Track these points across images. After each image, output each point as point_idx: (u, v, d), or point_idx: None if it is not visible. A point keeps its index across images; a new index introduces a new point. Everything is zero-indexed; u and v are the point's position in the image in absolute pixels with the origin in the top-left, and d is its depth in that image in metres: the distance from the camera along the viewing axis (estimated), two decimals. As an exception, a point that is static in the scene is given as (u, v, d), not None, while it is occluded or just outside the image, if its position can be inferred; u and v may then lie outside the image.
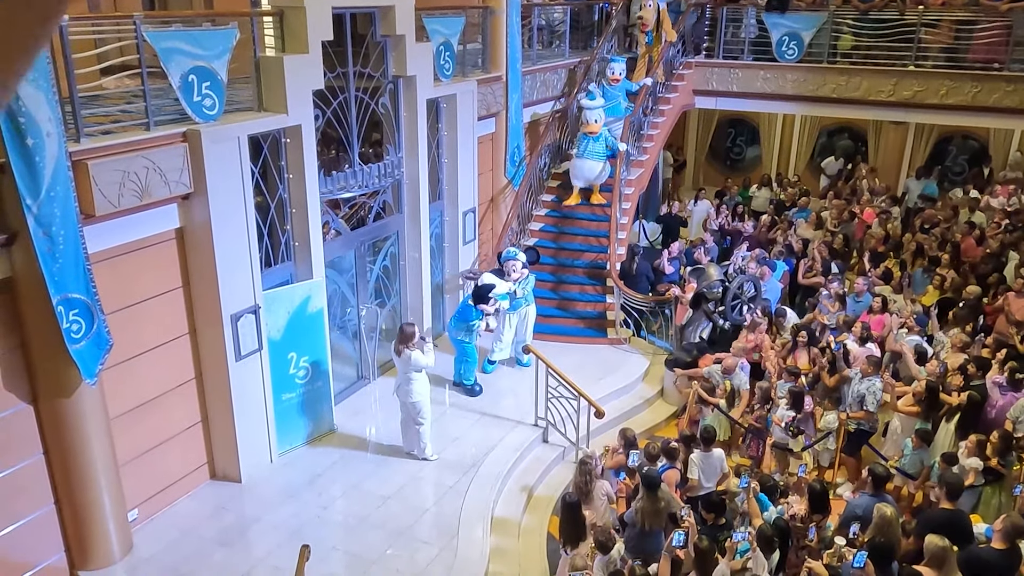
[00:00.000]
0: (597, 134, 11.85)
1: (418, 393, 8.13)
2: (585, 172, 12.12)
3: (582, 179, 12.20)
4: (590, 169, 12.06)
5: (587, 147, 11.99)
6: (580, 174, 12.20)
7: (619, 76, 12.54)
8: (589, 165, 12.04)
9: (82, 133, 6.07)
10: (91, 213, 6.00)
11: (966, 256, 11.41)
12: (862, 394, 8.16)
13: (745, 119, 18.39)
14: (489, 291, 9.50)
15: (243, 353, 7.55)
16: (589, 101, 11.86)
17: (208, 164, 6.79)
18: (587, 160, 12.03)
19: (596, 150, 11.97)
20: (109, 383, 6.43)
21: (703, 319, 10.55)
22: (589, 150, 11.99)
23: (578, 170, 12.20)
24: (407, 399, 8.18)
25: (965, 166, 16.55)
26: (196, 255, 7.15)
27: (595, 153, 11.99)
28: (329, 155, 8.92)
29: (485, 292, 9.49)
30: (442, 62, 9.89)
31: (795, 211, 13.91)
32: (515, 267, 9.94)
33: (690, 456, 7.54)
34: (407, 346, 8.00)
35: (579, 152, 12.11)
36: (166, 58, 6.50)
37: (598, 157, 12.00)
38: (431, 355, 8.15)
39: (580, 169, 12.17)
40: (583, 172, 12.15)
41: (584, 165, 12.09)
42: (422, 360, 7.99)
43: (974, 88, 12.59)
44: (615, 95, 12.55)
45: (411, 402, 8.16)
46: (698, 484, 7.42)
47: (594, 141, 11.90)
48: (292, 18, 7.65)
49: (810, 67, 13.66)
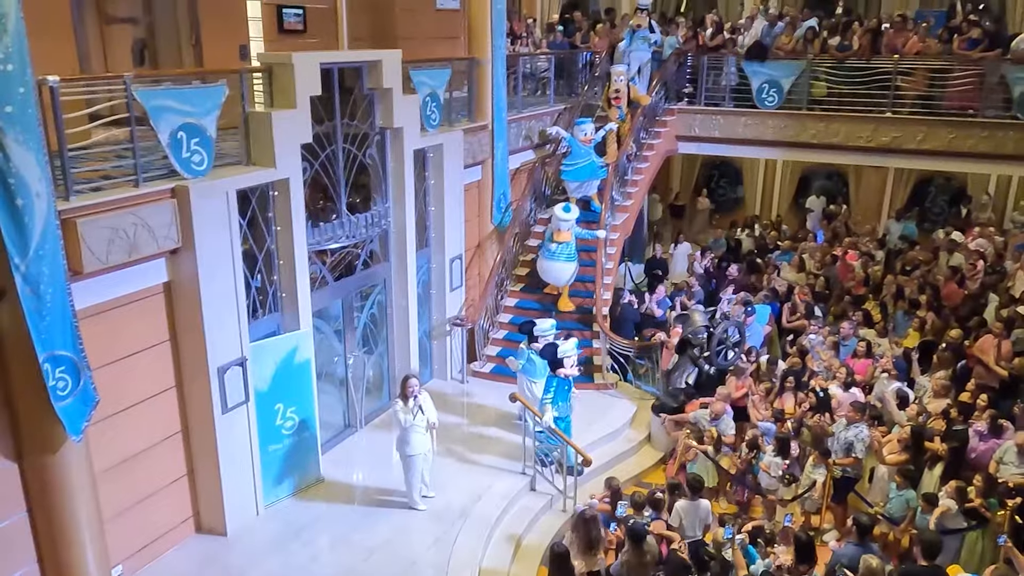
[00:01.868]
0: (568, 242, 11.28)
1: (411, 446, 8.13)
2: (554, 274, 11.50)
3: (552, 279, 11.61)
4: (560, 271, 11.44)
5: (557, 248, 11.31)
6: (549, 276, 11.58)
7: (589, 137, 12.25)
8: (559, 267, 11.40)
9: (71, 191, 6.14)
10: (79, 270, 6.04)
11: (947, 300, 11.57)
12: (850, 441, 8.23)
13: (728, 161, 18.67)
14: (556, 351, 8.95)
15: (229, 405, 7.55)
16: (564, 213, 11.33)
17: (196, 219, 6.86)
18: (555, 262, 11.37)
19: (565, 251, 11.33)
20: (94, 438, 6.40)
21: (689, 364, 10.63)
22: (559, 252, 11.33)
23: (546, 273, 11.54)
24: (400, 450, 8.19)
25: (944, 207, 16.86)
26: (183, 309, 7.18)
27: (564, 255, 11.35)
28: (317, 205, 9.02)
29: (554, 352, 8.92)
30: (428, 113, 10.06)
31: (778, 254, 14.08)
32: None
33: (675, 504, 7.56)
34: (400, 398, 8.02)
35: (547, 253, 11.41)
36: (156, 115, 6.60)
37: (568, 259, 11.38)
38: (408, 417, 8.00)
39: (548, 272, 11.51)
40: (552, 274, 11.51)
41: (552, 267, 11.42)
42: (399, 416, 7.97)
43: (950, 134, 12.88)
44: (588, 152, 12.33)
45: (408, 456, 8.16)
46: (680, 533, 7.44)
47: (564, 243, 11.32)
48: (281, 74, 7.80)
49: (790, 114, 13.94)
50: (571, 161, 12.41)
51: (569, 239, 11.29)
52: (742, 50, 14.37)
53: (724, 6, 18.61)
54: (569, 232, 11.28)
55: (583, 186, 12.59)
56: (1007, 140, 12.61)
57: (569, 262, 11.38)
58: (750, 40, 14.39)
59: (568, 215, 11.35)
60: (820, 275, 12.92)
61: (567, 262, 11.37)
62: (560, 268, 11.41)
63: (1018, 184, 15.49)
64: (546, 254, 11.45)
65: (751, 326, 11.07)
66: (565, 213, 11.36)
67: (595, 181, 12.55)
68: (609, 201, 12.43)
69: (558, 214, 11.37)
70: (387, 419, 9.96)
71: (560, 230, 11.25)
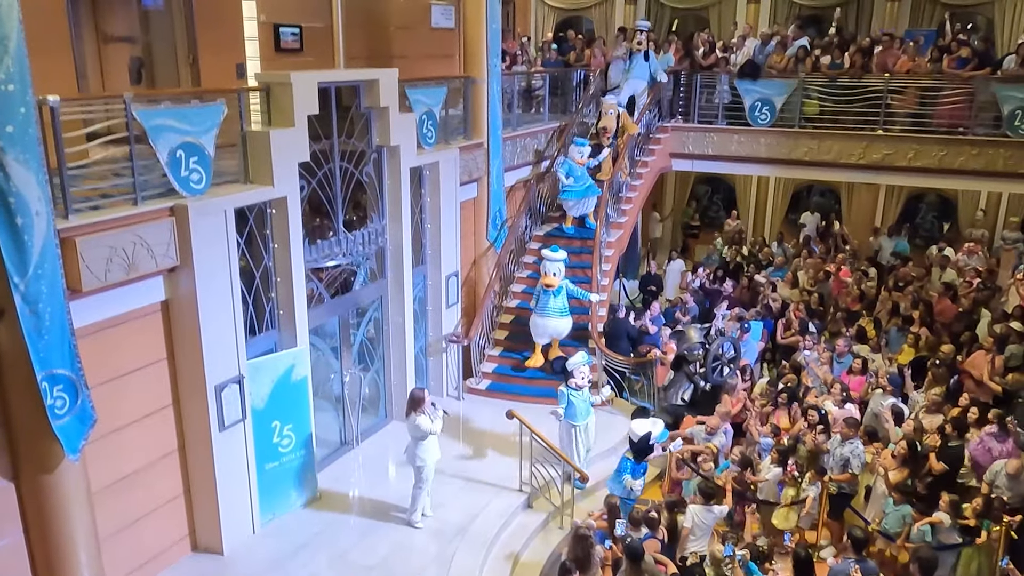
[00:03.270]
0: (556, 287, 10.93)
1: (422, 459, 8.15)
2: (550, 331, 11.17)
3: (546, 337, 11.29)
4: (554, 329, 11.15)
5: (547, 303, 10.98)
6: (544, 333, 11.21)
7: (584, 159, 12.40)
8: (553, 324, 11.09)
9: (70, 209, 6.15)
10: (78, 289, 6.05)
11: (940, 316, 11.64)
12: (846, 457, 8.26)
13: (721, 178, 18.79)
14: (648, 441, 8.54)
15: (227, 423, 7.54)
16: (551, 252, 11.06)
17: (195, 237, 6.88)
18: (549, 319, 11.05)
19: (557, 306, 11.02)
20: (91, 456, 6.37)
21: (685, 381, 10.66)
22: (551, 307, 10.99)
23: (540, 329, 11.18)
24: (412, 463, 8.22)
25: (935, 223, 17.00)
26: (181, 326, 7.19)
27: (557, 310, 11.04)
28: (314, 223, 9.05)
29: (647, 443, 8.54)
30: (425, 131, 10.12)
31: (771, 270, 14.16)
32: (583, 373, 9.15)
33: (690, 507, 7.67)
34: (416, 411, 8.04)
35: (539, 308, 11.10)
36: (155, 135, 6.63)
37: (561, 313, 11.07)
38: (438, 423, 8.14)
39: (543, 328, 11.15)
40: (547, 331, 11.17)
41: (548, 324, 11.10)
42: (425, 425, 8.01)
43: (940, 151, 13.04)
44: (584, 175, 12.49)
45: (416, 466, 8.20)
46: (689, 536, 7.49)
47: (554, 296, 10.97)
48: (279, 93, 7.85)
49: (783, 131, 14.08)
50: (570, 185, 12.51)
51: (557, 284, 10.88)
52: (735, 68, 14.52)
53: (716, 25, 18.78)
54: (557, 278, 10.90)
55: (580, 204, 12.67)
56: (997, 157, 12.78)
57: (563, 317, 11.07)
58: (742, 59, 14.55)
59: (555, 254, 11.03)
60: (814, 291, 12.99)
61: (561, 317, 11.06)
62: (554, 325, 11.11)
63: (1008, 201, 15.63)
64: (536, 308, 11.14)
65: (746, 342, 11.12)
66: (552, 252, 11.09)
67: (592, 199, 12.65)
68: (604, 219, 12.51)
69: (544, 253, 11.15)
70: (383, 437, 9.98)
71: (547, 273, 10.90)
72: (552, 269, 10.94)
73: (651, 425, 8.56)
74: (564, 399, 9.12)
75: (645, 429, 8.46)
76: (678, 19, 19.63)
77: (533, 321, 11.24)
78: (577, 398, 9.11)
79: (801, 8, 18.32)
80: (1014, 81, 12.64)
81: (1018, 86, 12.58)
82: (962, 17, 16.74)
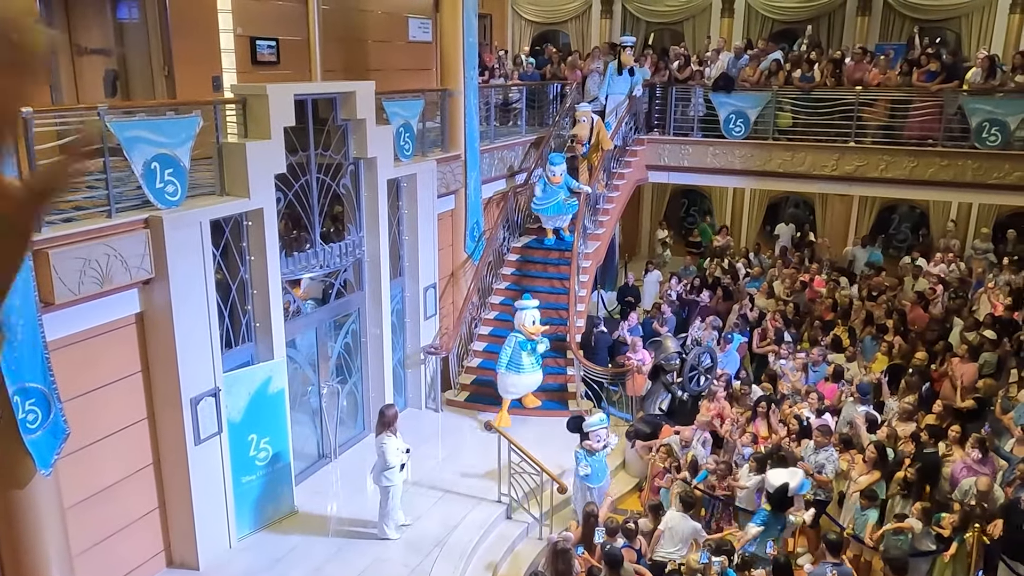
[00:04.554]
0: (536, 339, 10.48)
1: (389, 479, 8.10)
2: (521, 388, 10.67)
3: (517, 393, 10.76)
4: (525, 385, 10.66)
5: (520, 359, 10.41)
6: (515, 389, 10.65)
7: (559, 176, 12.20)
8: (525, 381, 10.57)
9: (43, 221, 6.11)
10: (51, 301, 6.00)
11: (913, 325, 11.81)
12: (821, 464, 8.35)
13: (698, 190, 18.97)
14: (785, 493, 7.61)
15: (202, 437, 7.48)
16: (525, 301, 10.73)
17: (170, 250, 6.85)
18: (523, 375, 10.48)
19: (530, 361, 10.48)
20: (64, 471, 6.31)
21: (662, 391, 10.72)
22: (524, 363, 10.42)
23: (511, 385, 10.59)
24: (379, 483, 8.16)
25: (908, 233, 17.26)
26: (156, 339, 7.14)
27: (531, 364, 10.51)
28: (290, 235, 9.04)
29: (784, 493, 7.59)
30: (402, 143, 10.15)
31: (747, 280, 14.30)
32: (599, 437, 8.63)
33: (669, 511, 7.70)
34: (386, 431, 7.99)
35: (511, 364, 10.47)
36: (129, 146, 6.61)
37: (534, 368, 10.57)
38: (400, 458, 8.04)
39: (515, 384, 10.58)
40: (519, 387, 10.63)
41: (520, 381, 10.55)
42: (389, 456, 7.95)
43: (911, 163, 13.27)
44: (556, 191, 12.35)
45: (382, 487, 8.14)
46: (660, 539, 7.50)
47: (531, 351, 10.48)
48: (255, 105, 7.85)
49: (757, 143, 14.26)
50: (541, 200, 12.48)
51: (538, 335, 10.51)
52: (709, 81, 14.69)
53: (691, 39, 19.03)
54: (536, 327, 10.53)
55: (553, 218, 12.71)
56: (966, 168, 13.02)
57: (535, 372, 10.61)
58: (717, 72, 14.74)
59: (529, 302, 10.71)
60: (790, 301, 13.12)
61: (534, 372, 10.60)
62: (527, 383, 10.67)
63: (978, 211, 15.91)
64: (512, 366, 10.50)
65: (727, 352, 11.21)
66: (525, 300, 10.81)
67: (566, 216, 12.66)
68: (581, 230, 12.58)
69: (517, 304, 10.86)
70: (361, 449, 9.92)
71: (524, 324, 10.50)
72: (528, 319, 10.51)
73: (788, 476, 7.64)
74: (580, 459, 8.58)
75: (780, 479, 7.55)
76: (654, 33, 19.86)
77: (501, 379, 10.63)
78: (592, 461, 8.57)
79: (774, 23, 18.62)
80: (981, 94, 12.91)
81: (985, 99, 12.86)
82: (931, 31, 17.11)
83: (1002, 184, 12.90)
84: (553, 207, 12.47)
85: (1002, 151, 12.75)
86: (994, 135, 12.70)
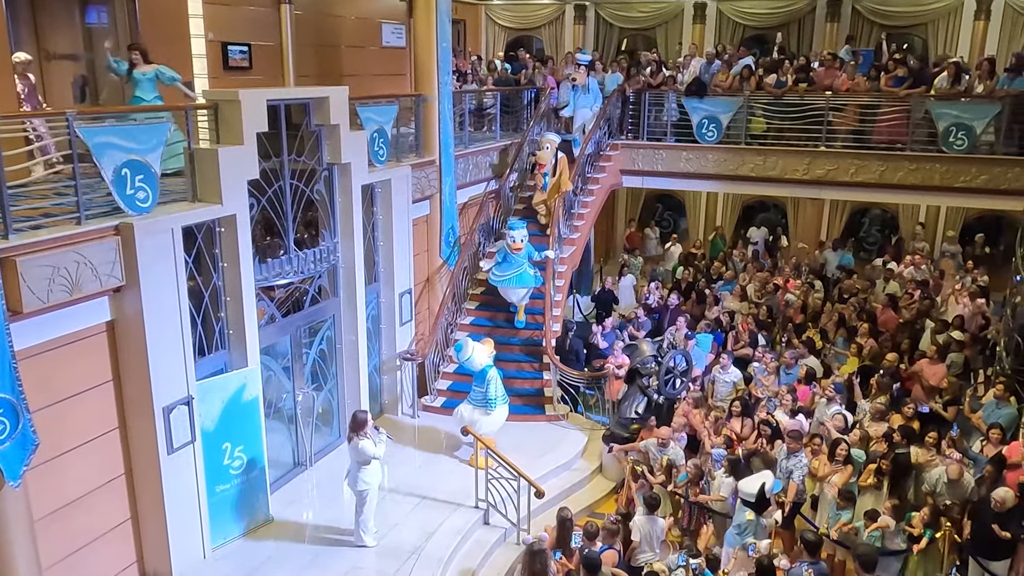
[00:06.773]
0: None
1: (366, 483, 8.05)
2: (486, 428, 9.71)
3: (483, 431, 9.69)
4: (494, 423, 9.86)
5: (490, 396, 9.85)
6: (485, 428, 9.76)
7: (521, 244, 11.48)
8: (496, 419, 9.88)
9: (10, 229, 6.02)
10: (18, 310, 5.90)
11: (884, 327, 11.96)
12: (790, 470, 8.45)
13: (672, 194, 19.08)
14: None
15: (175, 446, 7.39)
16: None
17: (141, 257, 6.77)
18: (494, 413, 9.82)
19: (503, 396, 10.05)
20: (33, 482, 6.21)
21: (638, 394, 10.77)
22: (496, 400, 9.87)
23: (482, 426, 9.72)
24: (355, 487, 8.11)
25: (878, 236, 17.50)
26: (127, 348, 7.04)
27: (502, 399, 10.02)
28: (264, 242, 8.97)
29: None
30: (376, 148, 10.11)
31: (720, 284, 14.41)
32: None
33: (634, 519, 7.69)
34: (358, 434, 7.95)
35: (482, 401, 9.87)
36: (99, 152, 6.52)
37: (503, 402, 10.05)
38: (382, 447, 8.07)
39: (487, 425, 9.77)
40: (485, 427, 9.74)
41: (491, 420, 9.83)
42: (370, 450, 7.93)
43: (880, 167, 13.47)
44: (520, 262, 11.59)
45: (358, 491, 8.09)
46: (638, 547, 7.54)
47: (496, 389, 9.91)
48: (227, 111, 7.78)
49: (729, 148, 14.40)
50: (501, 272, 11.66)
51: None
52: (682, 87, 14.82)
53: (663, 45, 19.19)
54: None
55: (516, 291, 11.79)
56: (934, 172, 13.25)
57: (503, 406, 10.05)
58: (689, 77, 14.86)
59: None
60: (762, 304, 13.24)
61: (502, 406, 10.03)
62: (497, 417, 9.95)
63: (946, 214, 16.17)
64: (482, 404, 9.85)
65: (692, 350, 11.28)
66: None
67: (531, 288, 11.76)
68: (557, 235, 12.61)
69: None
70: (337, 457, 9.85)
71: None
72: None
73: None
74: None
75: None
76: (626, 39, 19.98)
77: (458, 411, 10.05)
78: None
79: (745, 29, 18.82)
80: (947, 99, 13.14)
81: (951, 104, 13.09)
82: (898, 38, 17.40)
83: (969, 187, 13.14)
84: (515, 278, 11.61)
85: (969, 155, 12.98)
86: (960, 139, 12.92)
